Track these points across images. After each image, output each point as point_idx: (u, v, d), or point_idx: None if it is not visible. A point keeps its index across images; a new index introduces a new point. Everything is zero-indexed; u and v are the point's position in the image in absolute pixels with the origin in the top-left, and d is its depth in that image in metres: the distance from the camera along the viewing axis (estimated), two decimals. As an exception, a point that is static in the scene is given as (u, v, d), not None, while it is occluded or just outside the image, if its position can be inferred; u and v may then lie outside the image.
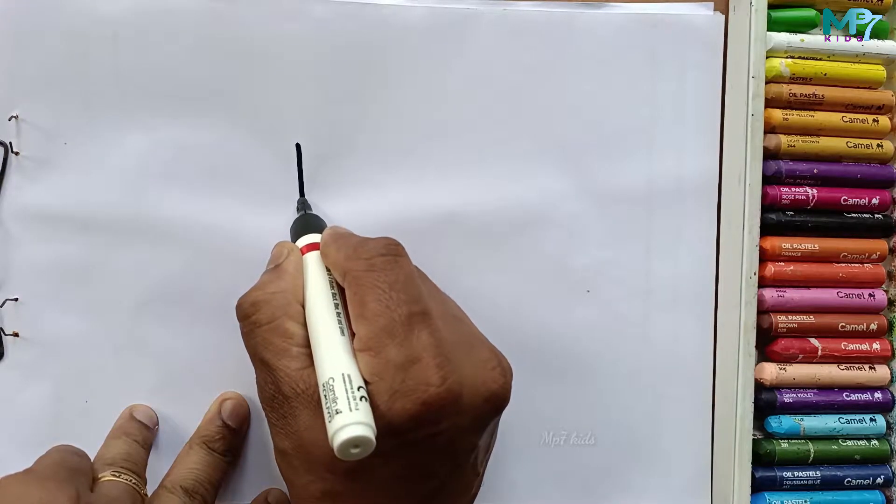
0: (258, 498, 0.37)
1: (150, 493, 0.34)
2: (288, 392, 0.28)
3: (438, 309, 0.29)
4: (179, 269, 0.37)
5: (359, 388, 0.26)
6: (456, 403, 0.27)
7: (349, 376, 0.26)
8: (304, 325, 0.29)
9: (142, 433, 0.36)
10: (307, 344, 0.29)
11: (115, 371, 0.37)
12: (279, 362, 0.29)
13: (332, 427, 0.25)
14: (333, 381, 0.26)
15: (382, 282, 0.28)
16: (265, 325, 0.29)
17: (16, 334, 0.36)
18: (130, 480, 0.32)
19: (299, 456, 0.28)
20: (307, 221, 0.35)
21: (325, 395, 0.26)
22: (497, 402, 0.28)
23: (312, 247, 0.33)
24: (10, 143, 0.36)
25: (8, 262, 0.36)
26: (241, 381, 0.37)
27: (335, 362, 0.27)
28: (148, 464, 0.35)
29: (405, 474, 0.28)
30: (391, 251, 0.29)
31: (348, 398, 0.25)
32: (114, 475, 0.32)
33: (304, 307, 0.30)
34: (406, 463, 0.28)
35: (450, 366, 0.26)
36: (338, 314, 0.29)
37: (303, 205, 0.37)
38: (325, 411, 0.26)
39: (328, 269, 0.31)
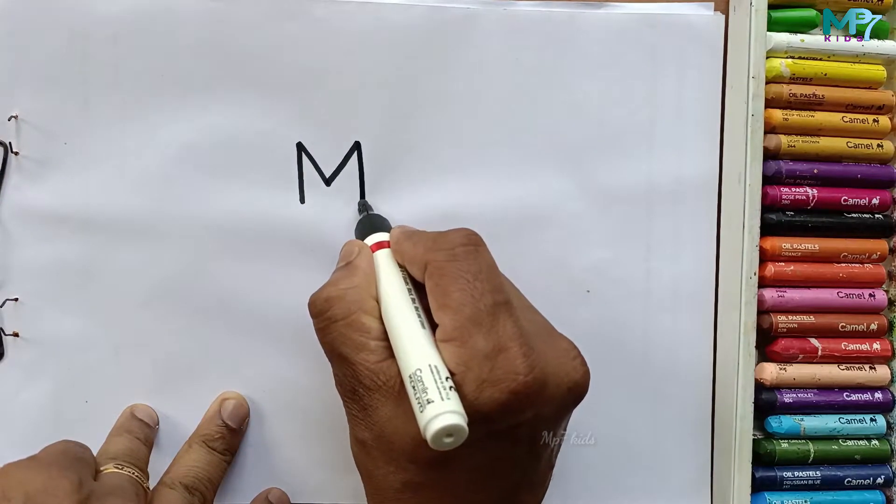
0: (258, 497, 0.37)
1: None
2: (369, 384, 0.28)
3: (517, 299, 0.29)
4: (179, 268, 0.37)
5: (446, 379, 0.26)
6: (541, 393, 0.26)
7: (436, 367, 0.26)
8: (380, 319, 0.29)
9: (143, 431, 0.36)
10: (384, 338, 0.29)
11: (115, 371, 0.37)
12: (358, 356, 0.28)
13: (424, 417, 0.25)
14: (421, 371, 0.26)
15: (466, 271, 0.27)
16: (341, 321, 0.29)
17: (16, 334, 0.36)
18: (133, 473, 0.32)
19: (380, 447, 0.28)
20: (372, 221, 0.35)
21: (414, 387, 0.26)
22: (579, 391, 0.28)
23: (381, 245, 0.32)
24: (10, 143, 0.36)
25: (8, 262, 0.36)
26: (241, 381, 0.37)
27: (421, 354, 0.27)
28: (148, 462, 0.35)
29: (487, 466, 0.28)
30: (472, 241, 0.29)
31: (438, 388, 0.25)
32: (117, 467, 0.32)
33: (378, 303, 0.30)
34: (489, 454, 0.27)
35: (535, 355, 0.26)
36: (416, 308, 0.29)
37: (364, 206, 0.37)
38: (416, 402, 0.25)
39: (400, 267, 0.31)
